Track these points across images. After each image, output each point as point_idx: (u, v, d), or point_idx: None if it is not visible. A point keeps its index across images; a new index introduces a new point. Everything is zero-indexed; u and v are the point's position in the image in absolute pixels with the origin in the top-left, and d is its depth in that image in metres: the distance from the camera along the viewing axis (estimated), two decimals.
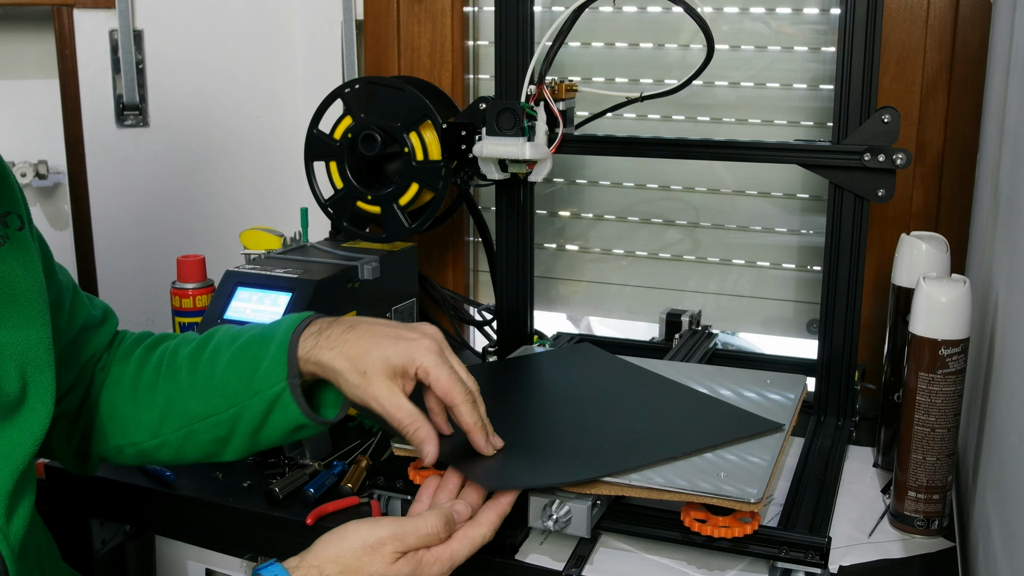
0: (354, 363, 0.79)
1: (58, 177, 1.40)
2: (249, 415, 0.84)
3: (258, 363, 0.83)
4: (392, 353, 0.79)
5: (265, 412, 0.83)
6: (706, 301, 1.44)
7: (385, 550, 0.72)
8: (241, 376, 0.84)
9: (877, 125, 1.01)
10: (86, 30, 1.38)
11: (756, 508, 0.78)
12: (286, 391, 0.82)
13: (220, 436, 0.86)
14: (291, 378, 0.82)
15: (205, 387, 0.85)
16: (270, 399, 0.83)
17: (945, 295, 0.86)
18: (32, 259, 0.77)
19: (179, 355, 0.89)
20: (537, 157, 1.09)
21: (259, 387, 0.83)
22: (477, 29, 1.51)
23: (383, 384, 0.79)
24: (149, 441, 0.87)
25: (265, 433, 0.85)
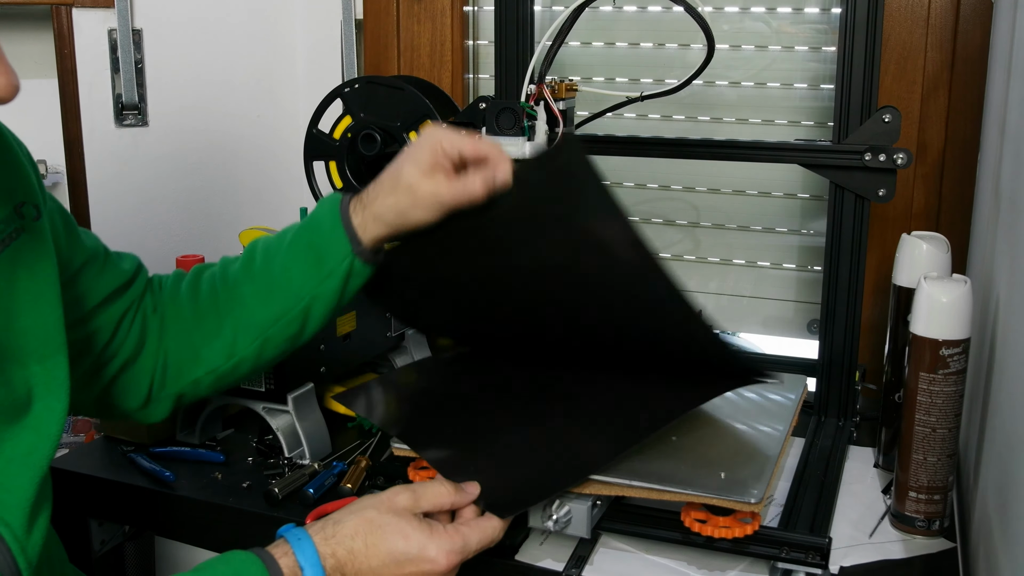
0: (396, 190, 0.85)
1: (57, 177, 1.40)
2: (324, 298, 0.88)
3: (319, 250, 0.87)
4: (415, 157, 0.85)
5: (340, 288, 0.88)
6: (706, 301, 1.44)
7: (399, 505, 0.74)
8: (305, 269, 0.87)
9: (878, 125, 1.01)
10: (85, 29, 1.38)
11: (757, 508, 0.78)
12: (355, 260, 0.87)
13: (293, 333, 0.90)
14: (355, 246, 0.87)
15: (269, 293, 0.88)
16: (343, 274, 0.87)
17: (946, 295, 0.86)
18: (47, 250, 0.76)
19: (230, 275, 0.91)
20: None
21: (329, 269, 0.87)
22: (477, 29, 1.50)
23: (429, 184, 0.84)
24: (226, 363, 0.90)
25: (343, 303, 0.90)
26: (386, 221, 0.87)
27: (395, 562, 0.72)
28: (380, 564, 0.72)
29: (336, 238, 0.87)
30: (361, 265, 0.87)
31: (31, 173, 0.78)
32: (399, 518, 0.73)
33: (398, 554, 0.72)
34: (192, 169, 1.53)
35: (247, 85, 1.56)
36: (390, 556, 0.72)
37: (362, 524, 0.73)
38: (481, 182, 0.84)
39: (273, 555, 0.70)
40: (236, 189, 1.58)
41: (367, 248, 0.88)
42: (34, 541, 0.69)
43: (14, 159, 0.77)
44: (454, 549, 0.73)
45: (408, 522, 0.73)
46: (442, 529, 0.74)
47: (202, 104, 1.52)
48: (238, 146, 1.57)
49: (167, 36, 1.46)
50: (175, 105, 1.49)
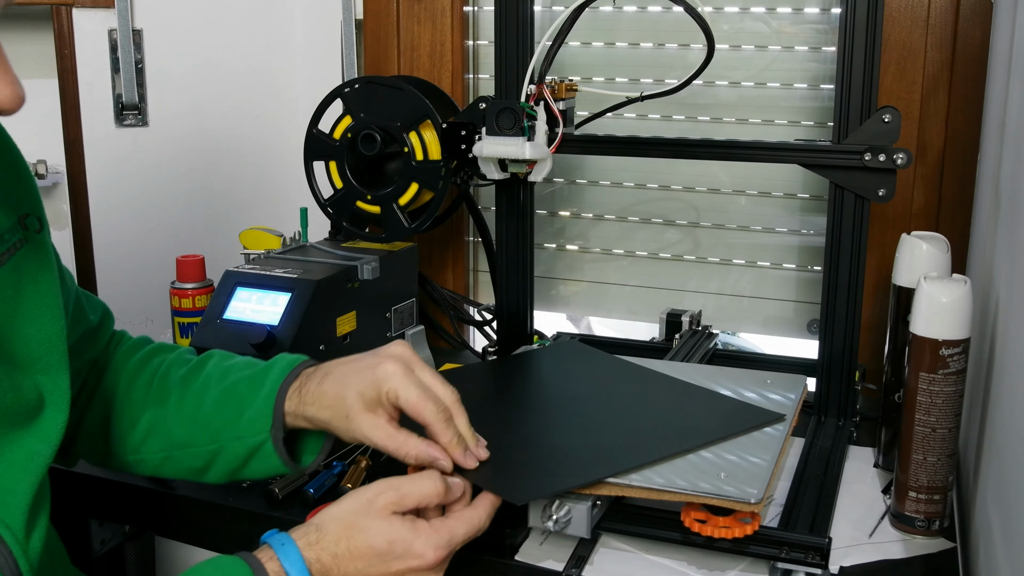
0: (335, 411, 0.81)
1: (57, 177, 1.40)
2: (228, 455, 0.86)
3: (243, 409, 0.85)
4: (362, 388, 0.79)
5: (246, 457, 0.86)
6: (706, 301, 1.44)
7: (380, 502, 0.73)
8: (226, 418, 0.86)
9: (878, 125, 1.01)
10: (85, 29, 1.38)
11: (756, 508, 0.78)
12: (268, 442, 0.84)
13: (197, 467, 0.88)
14: (275, 431, 0.84)
15: (190, 419, 0.87)
16: (252, 446, 0.85)
17: (946, 295, 0.86)
18: (50, 262, 0.77)
19: (170, 378, 0.90)
20: (537, 157, 1.09)
21: (242, 433, 0.85)
22: (477, 29, 1.50)
23: (366, 420, 0.79)
24: (130, 456, 0.89)
25: (243, 474, 0.87)
26: (314, 424, 0.84)
27: (381, 561, 0.72)
28: (367, 564, 0.72)
29: (263, 408, 0.84)
30: (271, 451, 0.84)
31: (34, 188, 0.79)
32: (381, 520, 0.73)
33: (385, 554, 0.72)
34: (192, 169, 1.53)
35: (247, 85, 1.56)
36: (377, 557, 0.72)
37: (344, 529, 0.72)
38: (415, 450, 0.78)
39: (260, 560, 0.70)
40: (236, 189, 1.58)
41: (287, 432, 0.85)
42: (34, 543, 0.70)
43: (21, 171, 0.77)
44: (440, 544, 0.73)
45: (390, 523, 0.72)
46: (426, 525, 0.74)
47: (202, 104, 1.52)
48: (238, 146, 1.57)
49: (167, 36, 1.46)
50: (175, 105, 1.49)
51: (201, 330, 1.12)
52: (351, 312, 1.16)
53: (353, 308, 1.17)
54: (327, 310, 1.12)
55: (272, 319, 1.08)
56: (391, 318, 1.26)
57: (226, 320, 1.11)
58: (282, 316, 1.08)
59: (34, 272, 0.75)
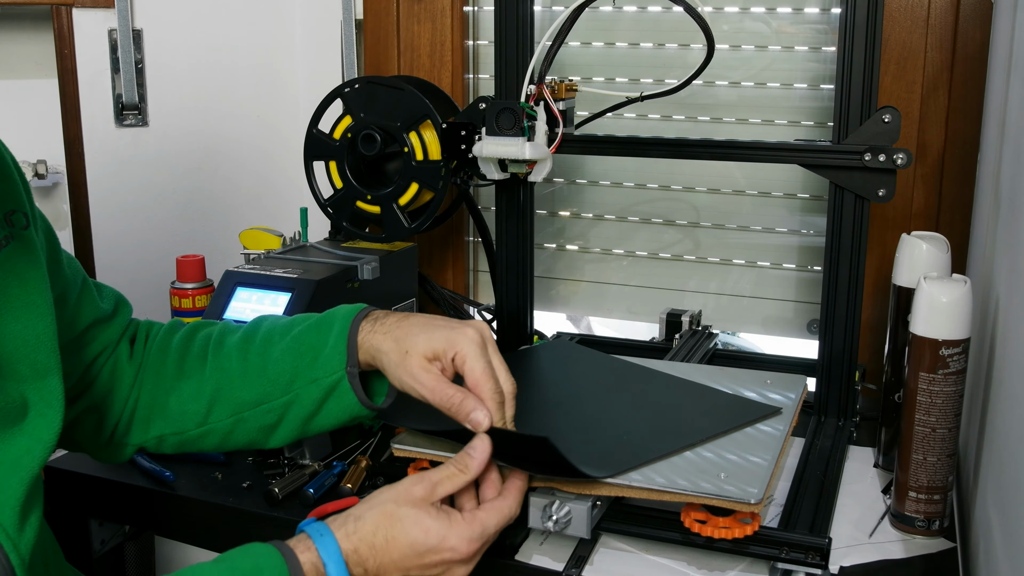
0: (399, 343, 0.82)
1: (57, 177, 1.40)
2: (304, 402, 0.86)
3: (317, 352, 0.86)
4: (436, 336, 0.81)
5: (321, 400, 0.86)
6: (706, 301, 1.44)
7: (416, 492, 0.74)
8: (297, 365, 0.86)
9: (878, 125, 1.01)
10: (85, 30, 1.38)
11: (756, 509, 0.78)
12: (344, 379, 0.85)
13: (269, 423, 0.88)
14: (350, 367, 0.85)
15: (258, 376, 0.87)
16: (328, 387, 0.85)
17: (946, 295, 0.86)
18: (37, 259, 0.76)
19: (226, 344, 0.90)
20: (537, 157, 1.09)
21: (317, 375, 0.85)
22: (477, 29, 1.50)
23: (421, 364, 0.81)
24: (194, 430, 0.89)
25: (317, 420, 0.87)
26: (372, 356, 0.85)
27: (416, 554, 0.72)
28: (402, 556, 0.72)
29: (336, 346, 0.85)
30: (347, 389, 0.85)
31: (19, 183, 0.78)
32: (417, 510, 0.73)
33: (419, 546, 0.72)
34: (192, 169, 1.53)
35: (247, 85, 1.56)
36: (411, 548, 0.72)
37: (382, 519, 0.73)
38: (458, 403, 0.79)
39: (294, 550, 0.70)
40: (236, 189, 1.58)
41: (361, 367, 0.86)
42: (26, 539, 0.70)
43: (5, 168, 0.76)
44: (474, 536, 0.73)
45: (427, 513, 0.73)
46: (460, 517, 0.74)
47: (202, 104, 1.52)
48: (238, 146, 1.57)
49: (167, 36, 1.46)
50: (175, 105, 1.49)
51: None
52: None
53: None
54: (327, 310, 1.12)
55: None
56: None
57: (226, 320, 1.11)
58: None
59: (21, 269, 0.74)
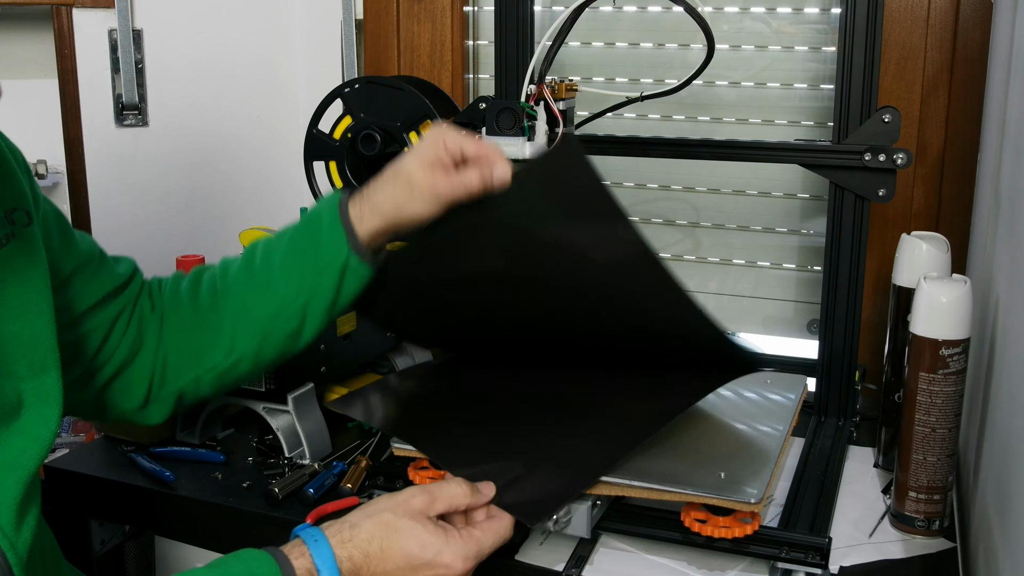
0: (395, 181, 0.87)
1: (57, 177, 1.40)
2: (321, 294, 0.88)
3: (316, 244, 0.87)
4: (417, 151, 0.87)
5: (337, 284, 0.88)
6: (706, 301, 1.44)
7: (414, 504, 0.74)
8: (302, 263, 0.88)
9: (877, 125, 1.01)
10: (85, 30, 1.38)
11: (756, 508, 0.78)
12: (351, 255, 0.87)
13: (292, 330, 0.89)
14: (351, 242, 0.87)
15: (267, 288, 0.89)
16: (339, 269, 0.87)
17: (946, 295, 0.86)
18: (37, 257, 0.76)
19: (230, 273, 0.92)
20: None
21: (325, 263, 0.87)
22: (477, 29, 1.51)
23: (428, 176, 0.85)
24: (225, 360, 0.90)
25: (340, 303, 0.90)
26: (383, 212, 0.87)
27: (410, 566, 0.72)
28: (395, 567, 0.72)
29: (334, 233, 0.87)
30: (357, 262, 0.87)
31: (23, 179, 0.78)
32: (414, 522, 0.73)
33: (414, 558, 0.72)
34: (192, 169, 1.53)
35: (247, 85, 1.56)
36: (406, 560, 0.72)
37: (378, 528, 0.73)
38: (478, 177, 0.85)
39: (288, 555, 0.70)
40: (236, 189, 1.58)
41: (365, 244, 0.88)
42: (23, 537, 0.70)
43: (6, 166, 0.77)
44: (469, 554, 0.73)
45: (424, 526, 0.73)
46: (456, 534, 0.74)
47: (202, 104, 1.52)
48: (238, 146, 1.57)
49: (167, 36, 1.46)
50: (175, 105, 1.49)
51: None
52: (351, 312, 1.16)
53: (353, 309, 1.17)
54: None
55: None
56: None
57: None
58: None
59: (20, 268, 0.74)
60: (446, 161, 0.86)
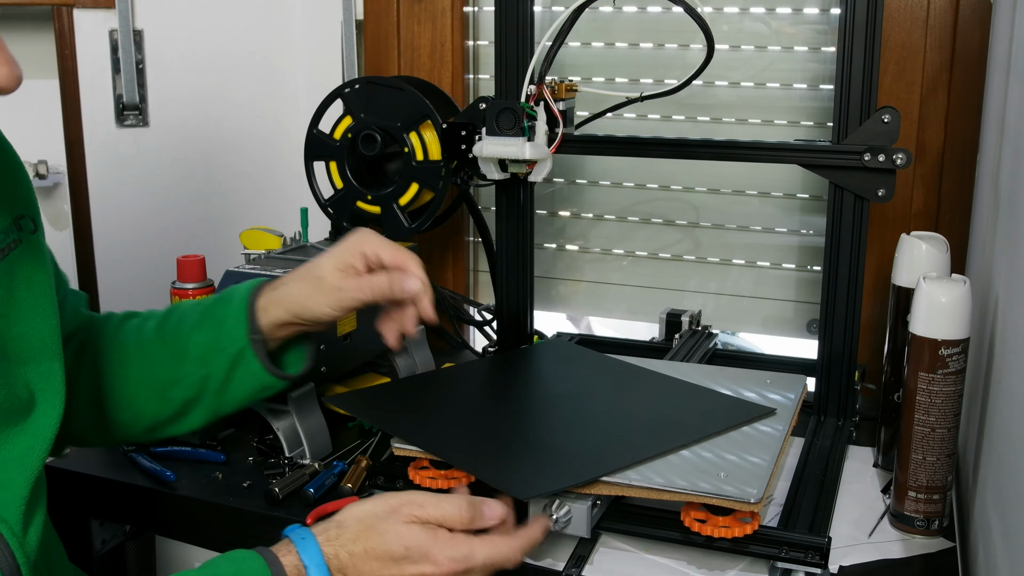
0: (305, 279, 0.86)
1: (58, 177, 1.40)
2: (215, 375, 0.87)
3: (221, 323, 0.87)
4: (335, 251, 0.86)
5: (229, 370, 0.87)
6: (706, 301, 1.44)
7: (403, 511, 0.74)
8: (205, 338, 0.88)
9: (877, 125, 1.01)
10: (86, 30, 1.38)
11: (756, 508, 0.78)
12: (248, 347, 0.86)
13: (191, 396, 0.89)
14: (252, 334, 0.86)
15: (174, 354, 0.89)
16: (233, 355, 0.87)
17: (945, 295, 0.86)
18: (44, 261, 0.78)
19: (144, 330, 0.91)
20: (537, 157, 1.09)
21: (223, 345, 0.87)
22: (477, 29, 1.51)
23: (337, 276, 0.85)
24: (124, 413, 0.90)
25: (230, 393, 0.89)
26: (287, 306, 0.87)
27: (394, 560, 0.72)
28: (381, 566, 0.72)
29: (237, 316, 0.87)
30: (252, 356, 0.87)
31: (30, 188, 0.80)
32: (401, 526, 0.73)
33: (398, 556, 0.72)
34: (192, 169, 1.53)
35: (247, 85, 1.56)
36: (391, 559, 0.72)
37: (364, 531, 0.73)
38: (387, 283, 0.85)
39: (276, 554, 0.71)
40: (236, 189, 1.58)
41: (266, 333, 0.87)
42: (31, 538, 0.71)
43: (16, 174, 0.78)
44: (456, 556, 0.72)
45: (409, 529, 0.73)
46: (446, 534, 0.73)
47: (202, 104, 1.52)
48: (238, 146, 1.57)
49: (167, 36, 1.46)
50: (175, 105, 1.49)
51: None
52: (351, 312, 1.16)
53: None
54: None
55: None
56: None
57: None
58: None
59: (28, 272, 0.75)
60: (358, 267, 0.86)
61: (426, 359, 1.31)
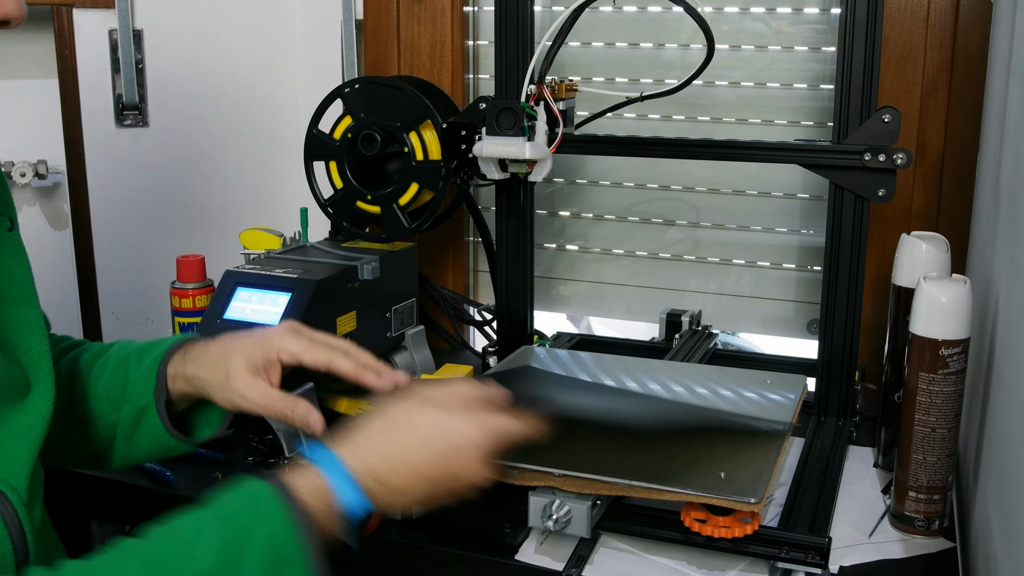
0: (214, 370, 0.82)
1: (57, 177, 1.40)
2: (123, 423, 0.86)
3: (132, 374, 0.86)
4: (249, 350, 0.82)
5: (134, 422, 0.86)
6: (706, 301, 1.44)
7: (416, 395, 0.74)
8: (119, 384, 0.86)
9: (877, 125, 1.01)
10: (85, 30, 1.38)
11: (756, 508, 0.78)
12: (151, 404, 0.85)
13: (108, 437, 0.88)
14: (157, 393, 0.84)
15: (94, 393, 0.88)
16: (138, 410, 0.85)
17: (945, 295, 0.86)
18: (23, 256, 0.80)
19: (82, 361, 0.91)
20: (537, 157, 1.09)
21: (130, 396, 0.85)
22: (477, 29, 1.51)
23: (246, 380, 0.81)
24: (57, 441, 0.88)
25: (134, 444, 0.87)
26: (193, 385, 0.85)
27: (425, 442, 0.70)
28: (410, 449, 0.69)
29: (148, 371, 0.85)
30: (154, 415, 0.85)
31: (7, 188, 0.82)
32: (418, 405, 0.72)
33: (426, 434, 0.70)
34: (192, 169, 1.53)
35: (247, 85, 1.56)
36: (419, 439, 0.70)
37: (381, 422, 0.71)
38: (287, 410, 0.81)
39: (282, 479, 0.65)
40: (236, 189, 1.58)
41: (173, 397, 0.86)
42: (36, 512, 0.72)
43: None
44: (481, 424, 0.71)
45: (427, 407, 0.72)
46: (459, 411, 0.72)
47: (202, 104, 1.52)
48: (238, 146, 1.57)
49: (167, 36, 1.46)
50: (175, 105, 1.49)
51: (201, 330, 1.12)
52: (351, 312, 1.16)
53: (353, 308, 1.17)
54: (327, 310, 1.13)
55: (272, 319, 1.08)
56: (391, 318, 1.26)
57: (226, 320, 1.11)
58: (282, 316, 1.08)
59: (9, 265, 0.78)
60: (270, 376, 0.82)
61: (426, 359, 1.31)
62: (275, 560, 0.61)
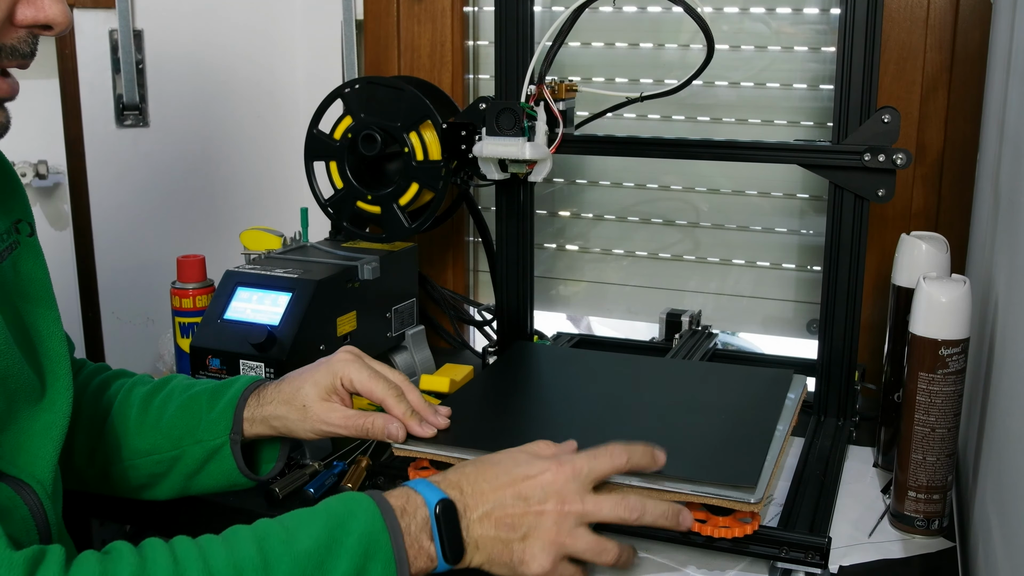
0: (291, 404, 0.89)
1: (58, 177, 1.40)
2: (188, 460, 0.91)
3: (206, 415, 0.91)
4: (317, 378, 0.89)
5: (203, 461, 0.91)
6: (706, 301, 1.44)
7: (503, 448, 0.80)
8: (188, 423, 0.91)
9: (877, 125, 1.01)
10: (86, 30, 1.38)
11: (756, 508, 0.78)
12: (226, 445, 0.91)
13: (159, 472, 0.92)
14: (233, 434, 0.91)
15: (153, 428, 0.92)
16: (210, 449, 0.91)
17: (945, 295, 0.86)
18: (42, 261, 0.83)
19: (133, 395, 0.94)
20: (537, 157, 1.09)
21: (202, 436, 0.90)
22: (477, 29, 1.51)
23: (323, 407, 0.88)
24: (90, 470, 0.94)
25: (199, 480, 0.92)
26: (271, 425, 0.91)
27: (506, 473, 0.76)
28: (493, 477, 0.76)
29: (224, 412, 0.91)
30: (228, 455, 0.90)
31: (24, 194, 0.85)
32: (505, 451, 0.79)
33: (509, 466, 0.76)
34: (192, 169, 1.53)
35: (247, 85, 1.56)
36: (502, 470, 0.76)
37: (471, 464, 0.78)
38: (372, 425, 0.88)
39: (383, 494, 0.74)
40: (236, 189, 1.58)
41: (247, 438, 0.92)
42: (58, 506, 0.77)
43: (12, 182, 0.83)
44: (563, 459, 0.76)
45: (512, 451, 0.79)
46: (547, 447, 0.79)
47: (202, 104, 1.52)
48: (238, 146, 1.57)
49: (167, 36, 1.46)
50: (175, 105, 1.49)
51: (201, 330, 1.12)
52: (351, 312, 1.16)
53: (353, 308, 1.17)
54: (327, 310, 1.13)
55: (273, 319, 1.08)
56: (391, 318, 1.26)
57: (227, 320, 1.11)
58: (283, 316, 1.08)
59: (29, 269, 0.81)
60: (343, 396, 0.90)
61: (426, 359, 1.31)
62: (365, 551, 0.69)
